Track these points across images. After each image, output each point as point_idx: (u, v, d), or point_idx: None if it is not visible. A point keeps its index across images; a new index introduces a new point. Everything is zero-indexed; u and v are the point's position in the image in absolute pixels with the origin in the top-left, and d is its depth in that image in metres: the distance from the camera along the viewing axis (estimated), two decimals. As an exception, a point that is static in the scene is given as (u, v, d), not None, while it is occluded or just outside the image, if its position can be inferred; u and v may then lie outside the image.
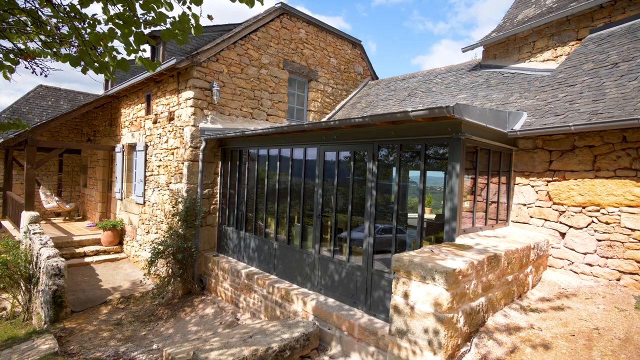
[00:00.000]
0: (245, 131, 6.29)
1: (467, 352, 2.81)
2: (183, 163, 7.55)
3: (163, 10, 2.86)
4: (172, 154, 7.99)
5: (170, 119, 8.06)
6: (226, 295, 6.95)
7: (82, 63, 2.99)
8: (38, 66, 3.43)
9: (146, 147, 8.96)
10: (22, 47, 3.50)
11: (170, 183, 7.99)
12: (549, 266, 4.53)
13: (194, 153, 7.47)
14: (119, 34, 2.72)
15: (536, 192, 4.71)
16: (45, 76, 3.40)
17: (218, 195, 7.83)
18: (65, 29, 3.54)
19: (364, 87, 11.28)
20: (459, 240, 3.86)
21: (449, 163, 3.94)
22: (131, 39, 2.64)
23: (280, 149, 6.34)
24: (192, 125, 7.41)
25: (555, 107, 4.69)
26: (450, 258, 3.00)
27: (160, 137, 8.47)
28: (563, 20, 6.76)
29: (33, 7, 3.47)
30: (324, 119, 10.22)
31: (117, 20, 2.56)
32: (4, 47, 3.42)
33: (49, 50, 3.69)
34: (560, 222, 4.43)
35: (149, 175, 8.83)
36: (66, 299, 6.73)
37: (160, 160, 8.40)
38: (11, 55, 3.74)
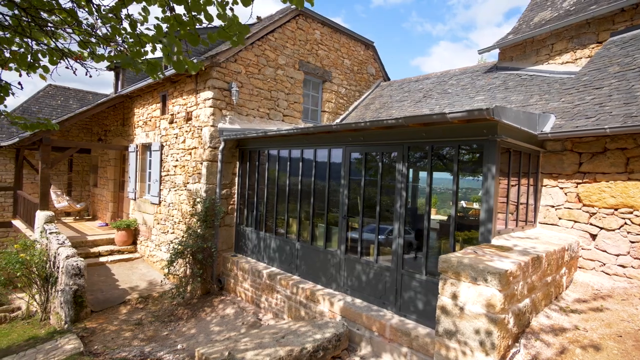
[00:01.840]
0: (268, 132, 6.30)
1: (517, 353, 2.83)
2: (202, 163, 7.55)
3: (212, 10, 2.88)
4: (190, 154, 8.00)
5: (188, 119, 8.06)
6: (246, 295, 6.95)
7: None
8: (83, 67, 3.44)
9: (162, 147, 8.96)
10: (61, 47, 3.50)
11: (187, 183, 7.99)
12: (579, 267, 4.56)
13: (213, 153, 7.47)
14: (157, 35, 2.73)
15: (565, 193, 4.74)
16: (90, 76, 3.40)
17: (236, 195, 7.83)
18: (101, 29, 3.56)
19: (377, 88, 11.31)
20: (494, 241, 3.88)
21: (484, 165, 3.96)
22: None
23: (302, 150, 6.35)
24: (211, 126, 7.42)
25: (584, 109, 4.72)
26: (497, 259, 3.02)
27: (176, 137, 8.47)
28: (583, 23, 6.80)
29: (72, 8, 3.49)
30: (338, 120, 10.24)
31: (172, 22, 2.56)
32: (45, 46, 3.42)
33: (84, 51, 3.71)
34: (591, 224, 4.46)
35: (165, 175, 8.83)
36: (86, 298, 6.73)
37: (177, 160, 8.40)
38: (50, 57, 3.75)
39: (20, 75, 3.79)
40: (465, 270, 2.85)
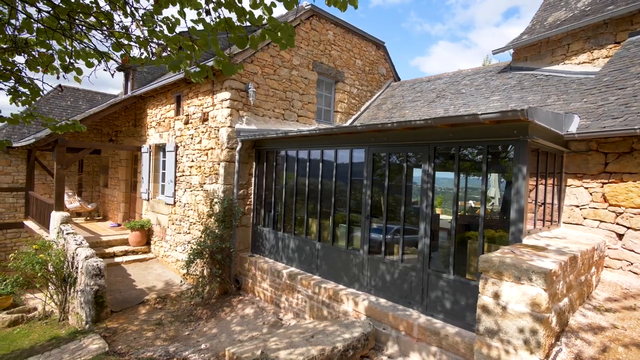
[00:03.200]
0: (289, 132, 6.33)
1: (560, 352, 2.87)
2: (219, 164, 7.58)
3: (259, 13, 2.91)
4: (206, 154, 8.03)
5: (204, 119, 8.09)
6: (265, 295, 6.98)
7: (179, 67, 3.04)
8: (128, 69, 3.47)
9: (176, 147, 8.99)
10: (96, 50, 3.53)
11: (204, 184, 8.02)
12: (605, 267, 4.59)
13: (230, 154, 7.51)
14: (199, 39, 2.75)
15: (590, 193, 4.77)
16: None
17: (252, 196, 7.87)
18: (134, 32, 3.59)
19: (388, 89, 11.34)
20: (525, 240, 3.91)
21: (515, 165, 3.99)
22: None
23: (323, 150, 6.38)
24: (229, 126, 7.45)
25: (609, 110, 4.75)
26: (537, 259, 3.05)
27: (192, 138, 8.50)
28: (600, 23, 6.83)
29: (110, 11, 3.52)
30: (350, 120, 10.27)
31: (223, 25, 2.59)
32: (90, 47, 3.45)
33: (117, 53, 3.74)
34: (617, 224, 4.49)
35: (180, 176, 8.86)
36: (106, 299, 6.76)
37: (193, 161, 8.43)
38: (92, 59, 3.78)
39: (57, 78, 3.83)
40: (508, 269, 2.89)
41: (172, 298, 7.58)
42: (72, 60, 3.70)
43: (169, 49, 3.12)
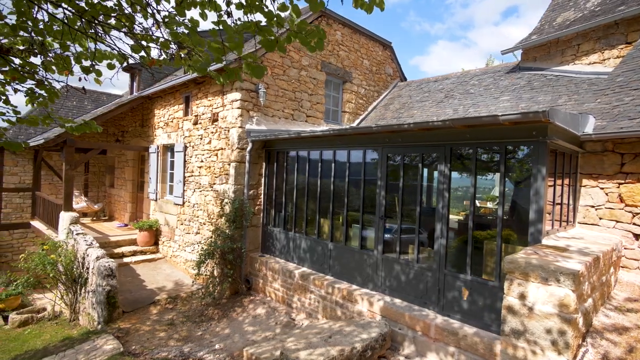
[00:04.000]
0: (301, 132, 6.34)
1: (587, 352, 2.88)
2: (230, 164, 7.59)
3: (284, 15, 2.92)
4: (216, 155, 8.04)
5: (214, 120, 8.10)
6: (276, 295, 7.00)
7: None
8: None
9: (185, 148, 8.99)
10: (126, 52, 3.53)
11: (214, 184, 8.03)
12: (622, 267, 4.61)
13: (241, 154, 7.51)
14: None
15: (606, 194, 4.78)
16: (157, 81, 3.44)
17: (262, 196, 7.88)
18: (154, 34, 3.59)
19: (394, 89, 11.35)
20: (544, 241, 3.92)
21: (534, 166, 4.00)
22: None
23: (335, 151, 6.39)
24: (239, 127, 7.46)
25: (625, 110, 4.76)
26: (562, 260, 3.06)
27: (201, 139, 8.51)
28: (611, 24, 6.84)
29: (131, 13, 3.52)
30: (358, 120, 10.28)
31: (253, 28, 2.60)
32: (114, 48, 3.46)
33: (136, 55, 3.74)
34: (634, 224, 4.50)
35: (189, 176, 8.87)
36: (118, 299, 6.77)
37: (202, 161, 8.43)
38: (112, 61, 3.78)
39: (80, 80, 3.83)
40: (535, 270, 2.90)
41: (182, 298, 7.59)
42: (93, 62, 3.71)
43: (193, 52, 3.12)
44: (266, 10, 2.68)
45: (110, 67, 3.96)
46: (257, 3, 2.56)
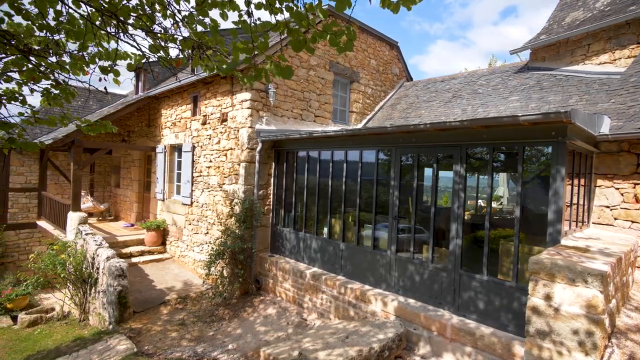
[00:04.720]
0: (313, 132, 6.33)
1: (613, 353, 2.88)
2: (239, 164, 7.59)
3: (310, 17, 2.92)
4: (225, 155, 8.03)
5: (223, 120, 8.09)
6: (287, 295, 6.99)
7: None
8: (176, 73, 3.47)
9: (193, 148, 8.99)
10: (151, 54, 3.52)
11: (223, 184, 8.03)
12: (638, 267, 4.61)
13: (251, 154, 7.51)
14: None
15: (621, 194, 4.78)
16: (179, 81, 3.43)
17: (272, 196, 7.87)
18: (173, 34, 3.58)
19: (401, 89, 11.34)
20: (563, 241, 3.92)
21: (553, 166, 4.00)
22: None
23: (347, 151, 6.38)
24: (249, 127, 7.45)
25: (641, 110, 4.76)
26: (587, 260, 3.06)
27: (210, 139, 8.50)
28: (622, 24, 6.83)
29: (152, 13, 3.52)
30: (365, 120, 10.28)
31: (282, 29, 2.60)
32: (137, 49, 3.45)
33: (154, 55, 3.73)
34: (651, 224, 4.51)
35: (197, 176, 8.86)
36: (129, 299, 6.77)
37: (211, 161, 8.43)
38: (129, 60, 3.78)
39: (100, 80, 3.82)
40: (562, 271, 2.90)
41: (192, 298, 7.59)
42: (112, 63, 3.70)
43: (218, 51, 3.12)
44: (294, 10, 2.67)
45: (130, 67, 3.96)
46: (289, 4, 2.56)
